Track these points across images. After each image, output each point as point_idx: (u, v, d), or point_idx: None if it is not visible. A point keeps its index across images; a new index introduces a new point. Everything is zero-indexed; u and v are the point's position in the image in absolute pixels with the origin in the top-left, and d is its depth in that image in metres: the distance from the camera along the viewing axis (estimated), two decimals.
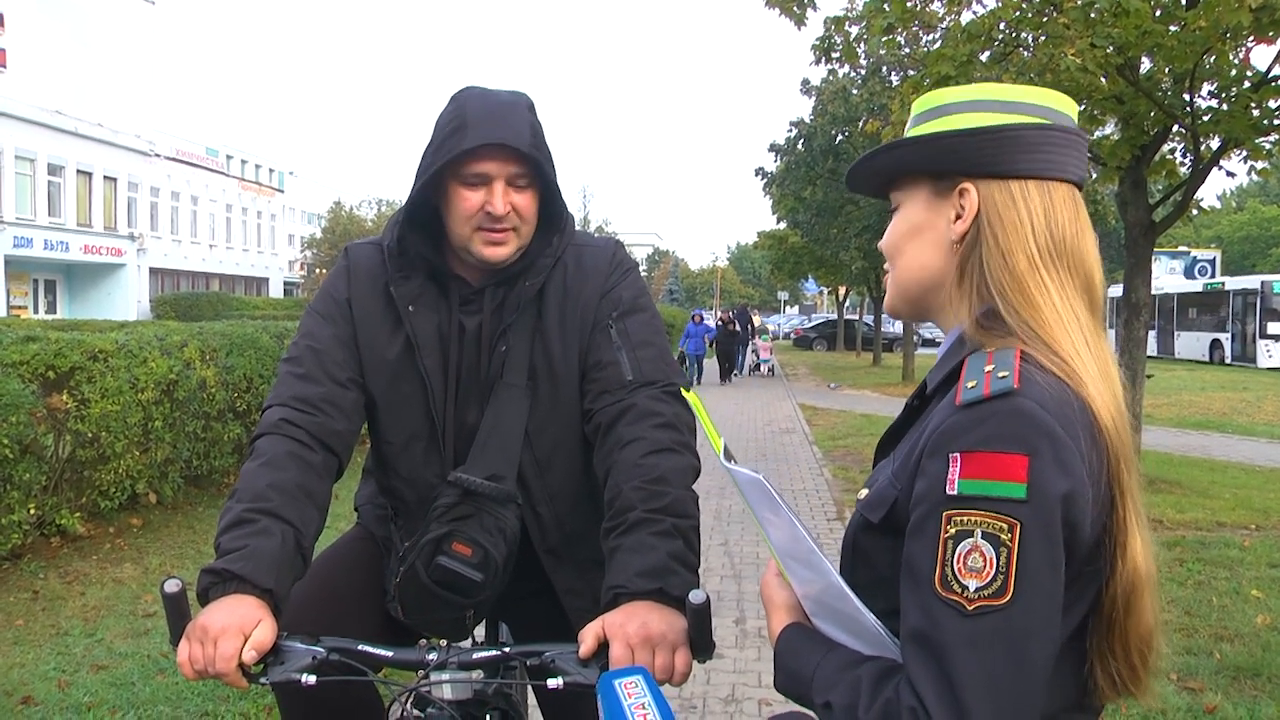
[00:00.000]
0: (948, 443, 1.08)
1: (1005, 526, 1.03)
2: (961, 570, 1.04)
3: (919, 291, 1.31)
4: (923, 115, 1.30)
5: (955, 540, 1.05)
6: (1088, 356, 1.16)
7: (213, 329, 8.34)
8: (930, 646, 1.04)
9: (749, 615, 5.31)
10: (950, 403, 1.13)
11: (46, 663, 4.45)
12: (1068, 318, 1.17)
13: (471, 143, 1.71)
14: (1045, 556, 1.04)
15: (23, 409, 5.51)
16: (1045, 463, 1.04)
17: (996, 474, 1.04)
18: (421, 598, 1.81)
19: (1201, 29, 6.85)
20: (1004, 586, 1.03)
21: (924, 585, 1.07)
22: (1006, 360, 1.11)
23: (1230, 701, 4.07)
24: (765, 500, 1.21)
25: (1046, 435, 1.05)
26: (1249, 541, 6.96)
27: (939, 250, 1.27)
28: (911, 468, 1.15)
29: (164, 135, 46.92)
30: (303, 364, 1.83)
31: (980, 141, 1.21)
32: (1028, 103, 1.24)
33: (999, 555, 1.03)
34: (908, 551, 1.11)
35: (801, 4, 9.35)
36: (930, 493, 1.09)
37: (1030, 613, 1.03)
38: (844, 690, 1.13)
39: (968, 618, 1.03)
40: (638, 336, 1.86)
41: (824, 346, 44.14)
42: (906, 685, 1.06)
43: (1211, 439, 13.60)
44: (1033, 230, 1.20)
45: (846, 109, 21.79)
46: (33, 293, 40.27)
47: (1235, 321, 31.68)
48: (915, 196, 1.29)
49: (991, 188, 1.22)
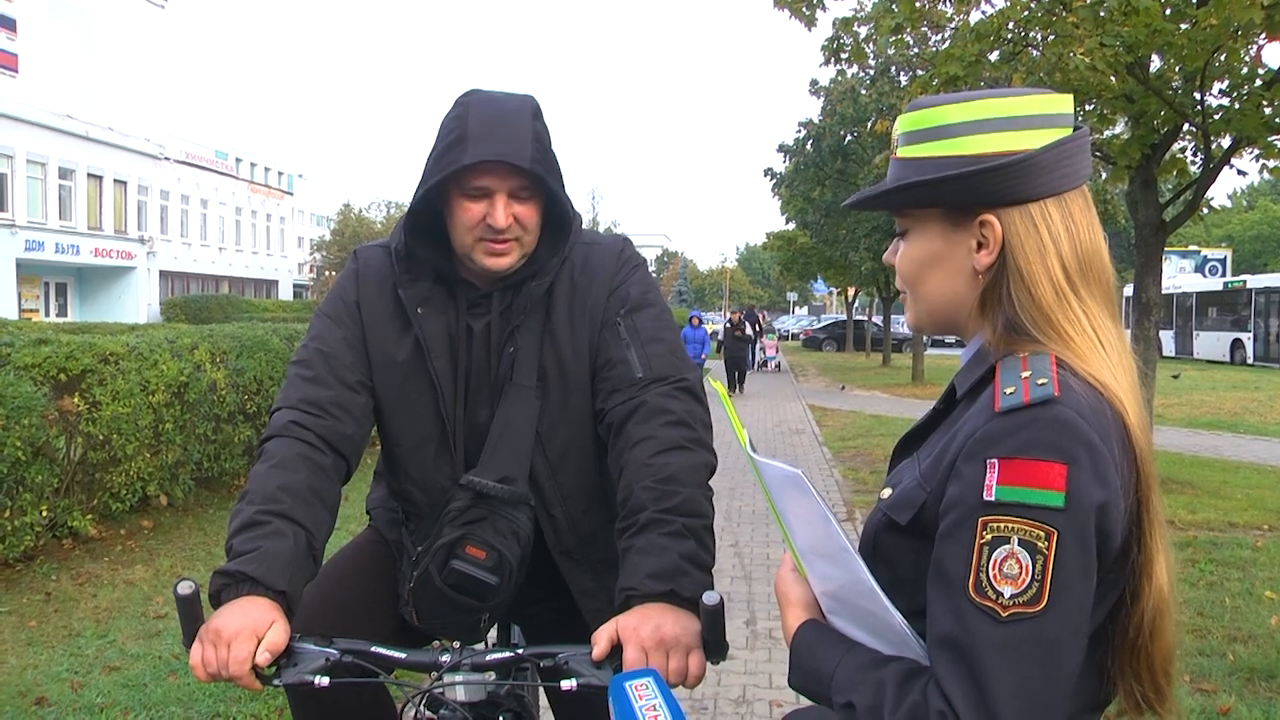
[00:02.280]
0: (986, 448, 1.08)
1: (1042, 535, 1.03)
2: (997, 577, 1.04)
3: (945, 313, 1.30)
4: (918, 134, 1.25)
5: (991, 546, 1.05)
6: (1121, 375, 1.16)
7: (223, 331, 8.36)
8: (961, 651, 1.04)
9: (760, 616, 5.30)
10: (986, 407, 1.12)
11: (59, 664, 4.47)
12: (1097, 340, 1.17)
13: (471, 158, 1.68)
14: (1080, 566, 1.04)
15: (35, 412, 5.53)
16: (1083, 472, 1.04)
17: (1035, 481, 1.04)
18: (436, 602, 1.81)
19: (1212, 27, 6.81)
20: (1039, 594, 1.03)
21: (956, 590, 1.06)
22: (1044, 367, 1.11)
23: (1244, 703, 4.05)
24: (799, 495, 1.20)
25: (1085, 445, 1.05)
26: (1262, 542, 6.93)
27: (960, 278, 1.25)
28: (943, 471, 1.14)
29: (173, 138, 47.08)
30: (312, 367, 1.83)
31: (1001, 175, 1.19)
32: (1031, 114, 1.21)
33: (1035, 563, 1.03)
34: (938, 555, 1.10)
35: (811, 5, 9.34)
36: (966, 498, 1.08)
37: (1063, 621, 1.03)
38: (867, 691, 1.12)
39: (1001, 624, 1.03)
40: (647, 332, 1.84)
41: (833, 347, 44.02)
42: (935, 689, 1.06)
43: (1223, 439, 13.53)
44: (1057, 252, 1.19)
45: (855, 109, 21.76)
46: (44, 296, 40.44)
47: (1258, 320, 31.05)
48: (928, 225, 1.27)
49: (1013, 215, 1.20)
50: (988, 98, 1.23)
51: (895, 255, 1.33)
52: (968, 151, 1.21)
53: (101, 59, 41.09)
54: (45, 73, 37.76)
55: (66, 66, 38.89)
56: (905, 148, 1.27)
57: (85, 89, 39.90)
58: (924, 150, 1.24)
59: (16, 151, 36.11)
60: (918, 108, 1.27)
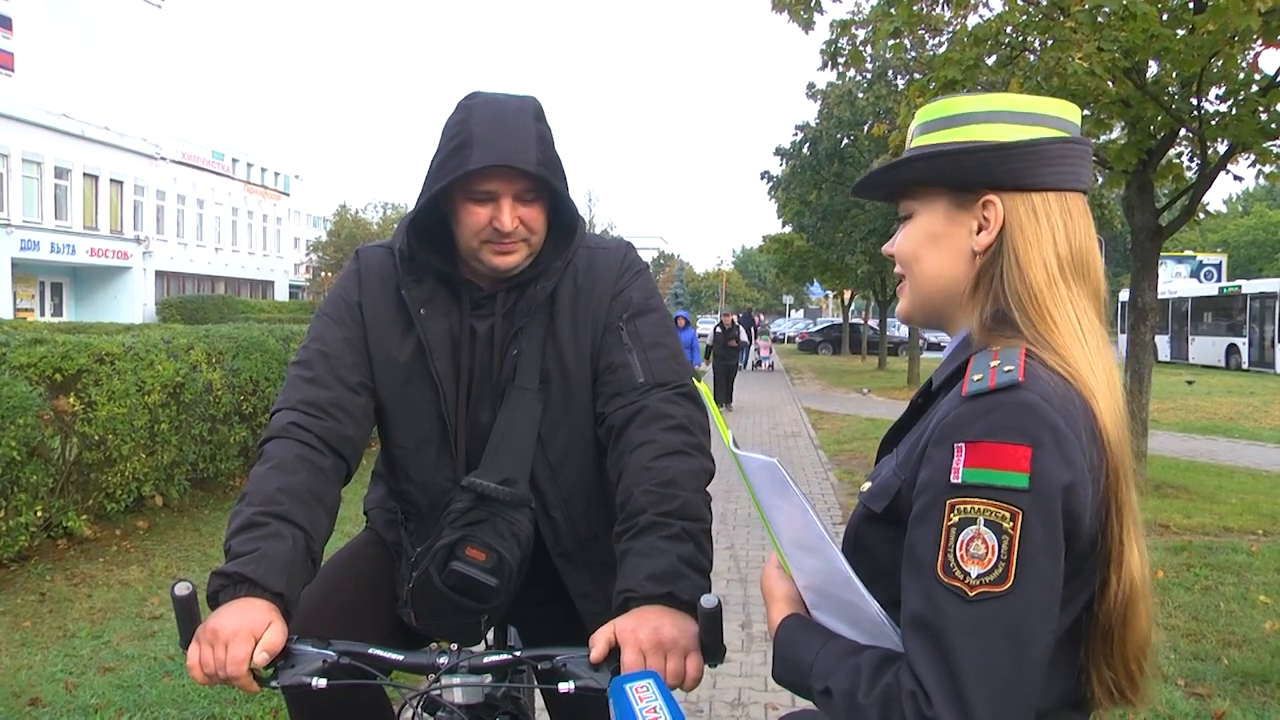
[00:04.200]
0: (953, 433, 1.11)
1: (1008, 515, 1.06)
2: (964, 557, 1.06)
3: (938, 299, 1.32)
4: (934, 123, 1.30)
5: (958, 528, 1.07)
6: (1098, 368, 1.19)
7: (219, 332, 8.35)
8: (931, 631, 1.06)
9: (755, 619, 5.30)
10: (956, 395, 1.15)
11: (54, 664, 4.46)
12: (1080, 331, 1.20)
13: (476, 164, 1.68)
14: (1046, 546, 1.06)
15: (30, 411, 5.52)
16: (1048, 454, 1.07)
17: (1000, 464, 1.07)
18: (435, 603, 1.80)
19: (1209, 33, 6.83)
20: (1005, 574, 1.05)
21: (926, 571, 1.09)
22: (1012, 357, 1.14)
23: (1239, 708, 4.05)
24: (777, 486, 1.22)
25: (1049, 428, 1.08)
26: (1256, 547, 6.94)
27: (958, 259, 1.28)
28: (916, 458, 1.17)
29: (170, 138, 47.05)
30: (312, 368, 1.83)
31: (1009, 156, 1.23)
32: (1044, 114, 1.26)
33: (1001, 543, 1.05)
34: (910, 538, 1.13)
35: (809, 7, 9.35)
36: (934, 481, 1.11)
37: (1030, 601, 1.05)
38: (843, 676, 1.15)
39: (969, 603, 1.05)
40: (649, 338, 1.85)
41: (829, 350, 44.06)
42: (906, 670, 1.08)
43: (1218, 444, 13.56)
44: (1053, 242, 1.23)
45: (852, 113, 21.81)
46: (39, 295, 40.37)
47: (1253, 326, 31.09)
48: (933, 206, 1.30)
49: (1015, 200, 1.24)
50: (1004, 92, 1.28)
51: (894, 244, 1.36)
52: (980, 138, 1.25)
53: (98, 58, 41.05)
54: (42, 72, 37.72)
55: (63, 65, 38.86)
56: (920, 137, 1.32)
57: (82, 88, 39.86)
58: (937, 138, 1.29)
59: (12, 150, 36.05)
60: (935, 100, 1.32)
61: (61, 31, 39.06)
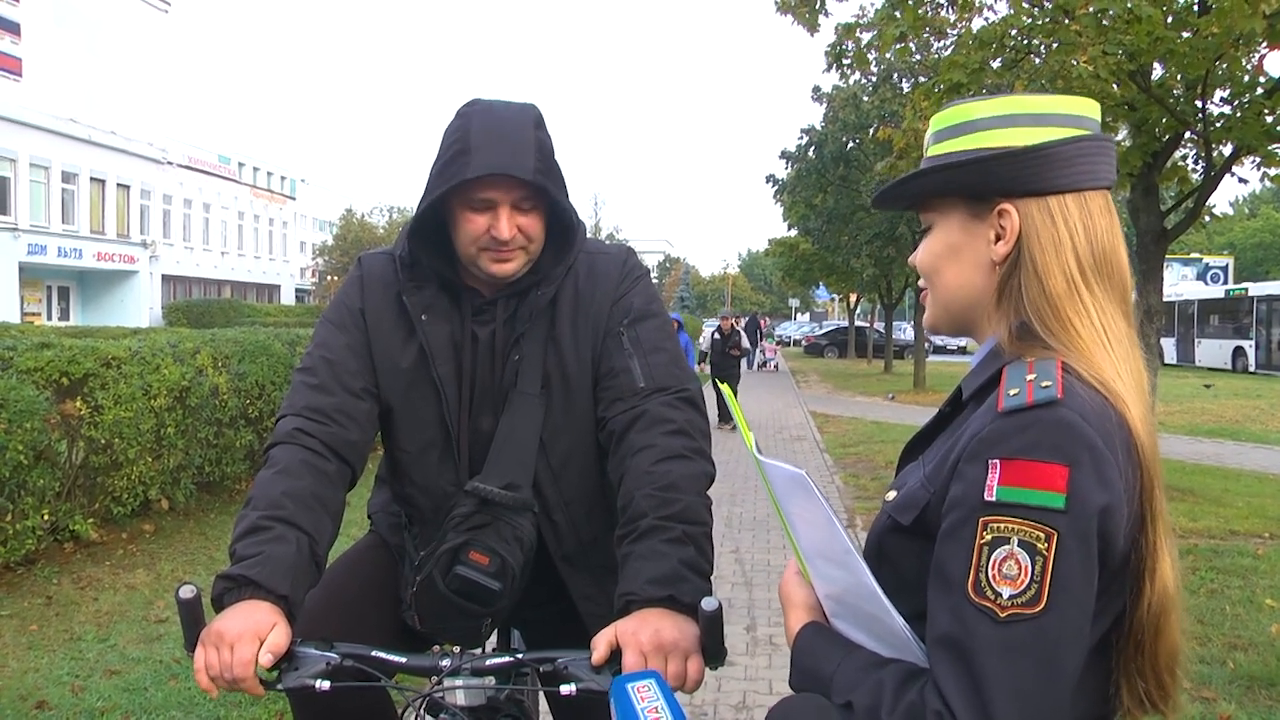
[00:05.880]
0: (988, 448, 1.08)
1: (1042, 536, 1.03)
2: (996, 577, 1.04)
3: (961, 310, 1.31)
4: (948, 130, 1.28)
5: (991, 547, 1.05)
6: (1125, 374, 1.16)
7: (225, 336, 8.38)
8: (959, 651, 1.04)
9: (760, 622, 5.30)
10: (991, 409, 1.12)
11: (60, 668, 4.48)
12: (1105, 337, 1.18)
13: (475, 172, 1.69)
14: (1080, 568, 1.04)
15: (37, 415, 5.54)
16: (1085, 474, 1.04)
17: (1036, 483, 1.04)
18: (439, 607, 1.81)
19: (1214, 35, 6.84)
20: (1038, 595, 1.03)
21: (956, 590, 1.06)
22: (1049, 370, 1.11)
23: (1245, 711, 4.05)
24: (803, 496, 1.20)
25: (1088, 447, 1.05)
26: (1263, 550, 6.92)
27: (979, 270, 1.26)
28: (947, 472, 1.15)
29: (176, 143, 47.17)
30: (317, 374, 1.84)
31: (1020, 162, 1.20)
32: (1058, 113, 1.23)
33: (1034, 564, 1.03)
34: (939, 555, 1.10)
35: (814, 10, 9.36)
36: (967, 498, 1.09)
37: (1062, 623, 1.03)
38: (866, 691, 1.12)
39: (999, 624, 1.03)
40: (649, 343, 1.86)
41: (835, 354, 44.00)
42: (932, 689, 1.06)
43: (1225, 447, 13.52)
44: (1073, 246, 1.20)
45: (858, 116, 21.79)
46: (46, 300, 40.47)
47: (1260, 328, 30.95)
48: (950, 217, 1.28)
49: (1030, 206, 1.21)
50: (1017, 95, 1.25)
51: (916, 256, 1.35)
52: (993, 144, 1.23)
53: (105, 63, 41.15)
54: (49, 76, 37.83)
55: (70, 70, 38.95)
56: (935, 145, 1.30)
57: (89, 93, 39.96)
58: (951, 146, 1.27)
59: (20, 155, 36.17)
60: (949, 106, 1.30)
61: (68, 36, 39.17)
